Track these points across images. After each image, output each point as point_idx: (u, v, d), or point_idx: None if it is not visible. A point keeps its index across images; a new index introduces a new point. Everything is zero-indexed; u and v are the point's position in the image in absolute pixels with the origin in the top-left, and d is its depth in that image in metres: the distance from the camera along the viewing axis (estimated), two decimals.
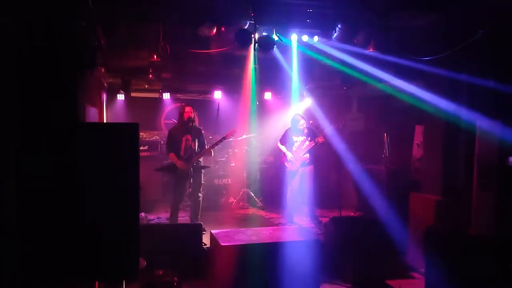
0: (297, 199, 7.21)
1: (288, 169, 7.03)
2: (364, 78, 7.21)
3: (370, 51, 5.81)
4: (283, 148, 7.08)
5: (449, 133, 5.45)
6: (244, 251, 4.56)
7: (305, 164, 6.97)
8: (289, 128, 7.14)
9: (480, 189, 4.31)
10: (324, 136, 6.73)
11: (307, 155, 6.94)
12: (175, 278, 4.33)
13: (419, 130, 6.74)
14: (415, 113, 6.36)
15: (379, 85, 7.22)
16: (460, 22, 4.95)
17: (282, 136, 7.19)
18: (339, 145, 6.81)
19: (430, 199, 5.51)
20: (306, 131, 6.98)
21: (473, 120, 4.58)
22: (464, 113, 5.33)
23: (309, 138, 6.94)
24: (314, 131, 7.00)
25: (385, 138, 7.26)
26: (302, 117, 7.07)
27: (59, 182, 2.83)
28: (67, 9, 3.64)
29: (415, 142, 6.91)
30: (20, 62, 3.20)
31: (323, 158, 7.54)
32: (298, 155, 6.92)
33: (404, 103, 6.83)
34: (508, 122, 4.23)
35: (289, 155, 6.95)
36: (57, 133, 2.93)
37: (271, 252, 4.63)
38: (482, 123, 4.28)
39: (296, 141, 7.00)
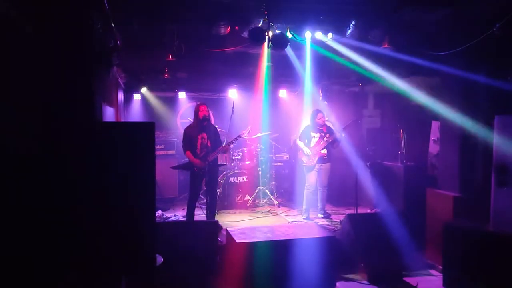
0: (314, 196, 7.22)
1: (305, 164, 7.06)
2: (377, 79, 7.19)
3: (385, 48, 5.77)
4: (301, 144, 7.13)
5: (466, 128, 5.38)
6: (260, 248, 4.59)
7: (323, 160, 7.00)
8: (308, 125, 7.22)
9: (498, 184, 4.23)
10: (340, 133, 6.75)
11: (325, 151, 6.97)
12: None
13: (435, 125, 6.67)
14: (431, 109, 6.30)
15: (392, 86, 7.18)
16: (476, 16, 4.88)
17: (301, 133, 7.28)
18: (356, 141, 6.79)
19: (447, 195, 5.45)
20: (324, 128, 7.03)
21: (491, 114, 4.50)
22: (481, 108, 5.27)
23: (327, 135, 6.98)
24: (331, 128, 7.05)
25: (402, 135, 7.20)
26: (321, 112, 7.10)
27: (78, 180, 2.89)
28: (83, 10, 3.70)
29: (432, 138, 6.84)
30: (37, 63, 3.27)
31: (340, 155, 7.52)
32: (315, 151, 6.97)
33: (420, 99, 6.77)
34: None
35: (306, 150, 7.00)
36: (75, 132, 2.99)
37: (286, 249, 4.65)
38: (500, 117, 4.21)
39: (314, 137, 7.05)
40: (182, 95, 9.47)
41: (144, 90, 8.74)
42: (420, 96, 6.74)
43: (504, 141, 4.20)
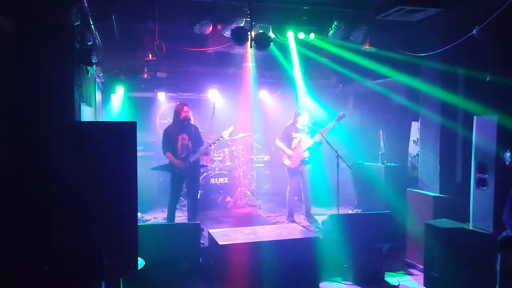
0: (297, 198, 7.17)
1: (288, 166, 6.93)
2: (358, 78, 7.23)
3: (366, 48, 5.80)
4: (282, 145, 6.96)
5: (445, 129, 5.46)
6: (243, 250, 4.55)
7: (305, 162, 6.91)
8: (288, 125, 7.05)
9: (478, 184, 4.29)
10: (322, 133, 6.62)
11: (307, 152, 6.88)
12: None
13: (415, 126, 6.75)
14: (411, 109, 6.38)
15: (373, 85, 7.25)
16: (457, 17, 4.95)
17: (281, 133, 7.06)
18: (336, 142, 6.78)
19: (428, 195, 5.52)
20: (306, 128, 6.91)
21: (470, 115, 4.57)
22: (460, 109, 5.35)
23: (308, 136, 6.87)
24: (313, 128, 6.91)
25: (381, 135, 7.26)
26: (304, 111, 6.99)
27: (56, 182, 2.80)
28: (62, 8, 3.60)
29: (412, 138, 6.92)
30: (15, 62, 3.16)
31: (321, 155, 7.51)
32: (298, 153, 6.85)
33: (400, 99, 6.85)
34: (505, 118, 4.22)
35: (289, 152, 6.87)
36: (54, 133, 2.90)
37: (269, 251, 4.62)
38: (479, 118, 4.27)
39: (295, 138, 6.91)
40: (161, 95, 9.34)
41: (122, 90, 8.58)
42: (400, 97, 6.83)
43: (482, 141, 4.25)
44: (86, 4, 4.24)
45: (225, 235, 4.83)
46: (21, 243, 2.72)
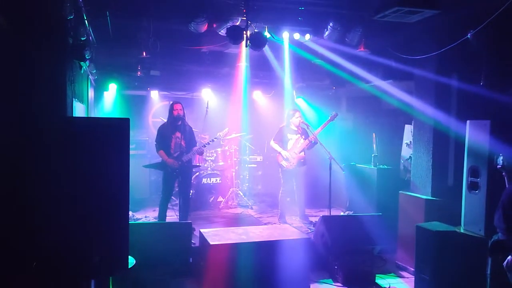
0: (290, 199, 7.15)
1: (284, 168, 6.89)
2: (353, 79, 7.24)
3: (361, 51, 5.80)
4: (277, 147, 6.92)
5: (438, 133, 5.48)
6: (234, 250, 4.54)
7: (301, 164, 6.89)
8: (283, 126, 7.03)
9: (470, 188, 4.31)
10: (315, 135, 6.62)
11: (303, 154, 6.86)
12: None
13: (408, 129, 6.77)
14: (404, 112, 6.39)
15: (367, 87, 7.26)
16: (453, 20, 4.96)
17: (276, 134, 7.04)
18: (329, 143, 6.78)
19: (419, 198, 5.53)
20: (300, 129, 6.90)
21: (463, 119, 4.59)
22: (453, 113, 5.38)
23: (303, 137, 6.86)
24: (306, 130, 6.90)
25: (374, 138, 7.27)
26: (298, 111, 6.97)
27: (46, 178, 2.75)
28: (56, 3, 3.55)
29: (404, 141, 6.93)
30: (6, 56, 3.11)
31: (313, 157, 7.51)
32: (294, 154, 6.83)
33: (393, 102, 6.86)
34: (498, 122, 4.24)
35: (285, 153, 6.85)
36: (45, 128, 2.86)
37: (261, 251, 4.62)
38: (472, 122, 4.28)
39: (291, 139, 6.88)
40: (154, 93, 9.29)
41: (115, 87, 8.52)
42: (393, 100, 6.84)
43: (475, 145, 4.27)
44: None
45: (216, 235, 4.81)
46: (9, 241, 2.67)
